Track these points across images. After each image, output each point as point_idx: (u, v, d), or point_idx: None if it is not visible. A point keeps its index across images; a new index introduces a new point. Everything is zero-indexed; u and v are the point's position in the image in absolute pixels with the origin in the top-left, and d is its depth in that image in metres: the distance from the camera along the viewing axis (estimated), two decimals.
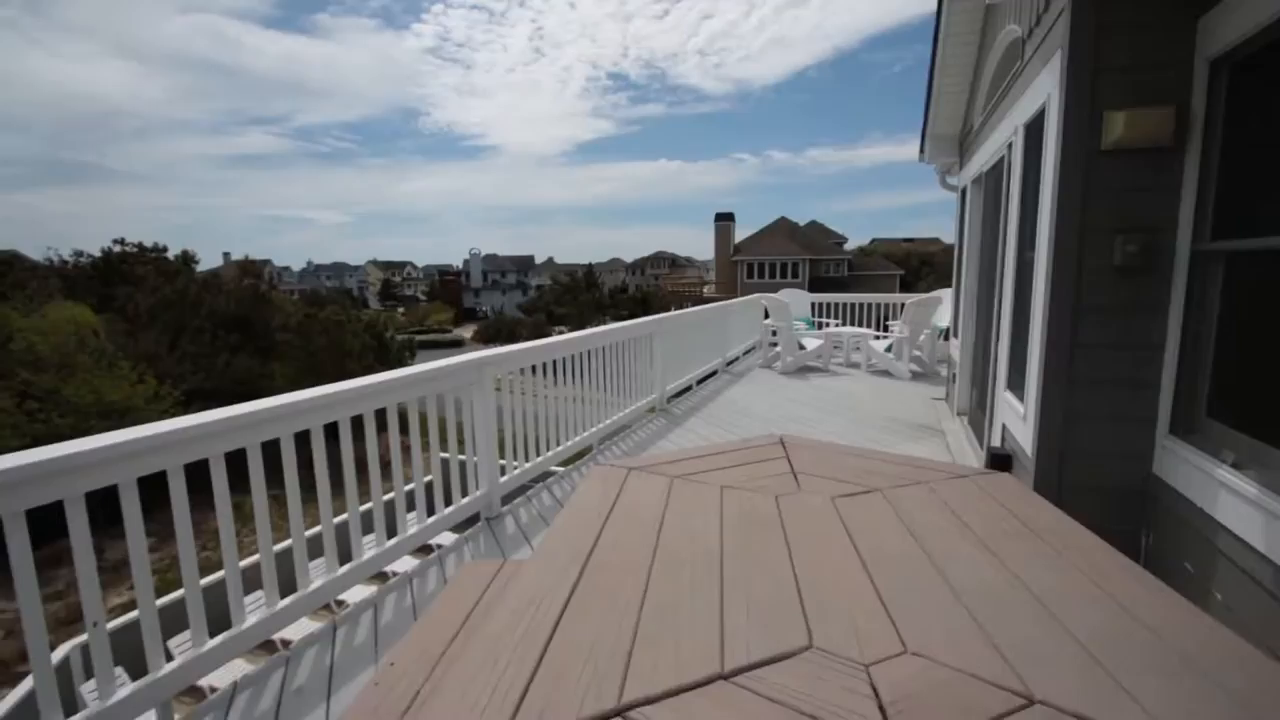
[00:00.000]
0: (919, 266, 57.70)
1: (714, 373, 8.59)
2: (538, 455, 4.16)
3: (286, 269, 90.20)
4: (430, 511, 3.21)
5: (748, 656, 1.02)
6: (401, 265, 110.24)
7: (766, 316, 9.94)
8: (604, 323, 57.13)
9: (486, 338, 46.67)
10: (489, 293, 79.08)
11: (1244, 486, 2.05)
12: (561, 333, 47.87)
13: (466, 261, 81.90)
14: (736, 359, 9.86)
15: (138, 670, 1.98)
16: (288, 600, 2.42)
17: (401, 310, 67.49)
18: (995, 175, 4.38)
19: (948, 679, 0.97)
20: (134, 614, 2.35)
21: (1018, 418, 3.31)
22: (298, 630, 2.54)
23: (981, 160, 4.91)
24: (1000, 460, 3.53)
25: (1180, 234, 2.54)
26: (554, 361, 4.35)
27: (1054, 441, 2.84)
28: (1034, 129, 3.36)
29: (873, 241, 73.92)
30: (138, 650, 1.97)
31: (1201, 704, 0.94)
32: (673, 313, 6.89)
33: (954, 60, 5.66)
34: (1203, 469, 2.33)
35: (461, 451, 3.46)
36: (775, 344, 9.58)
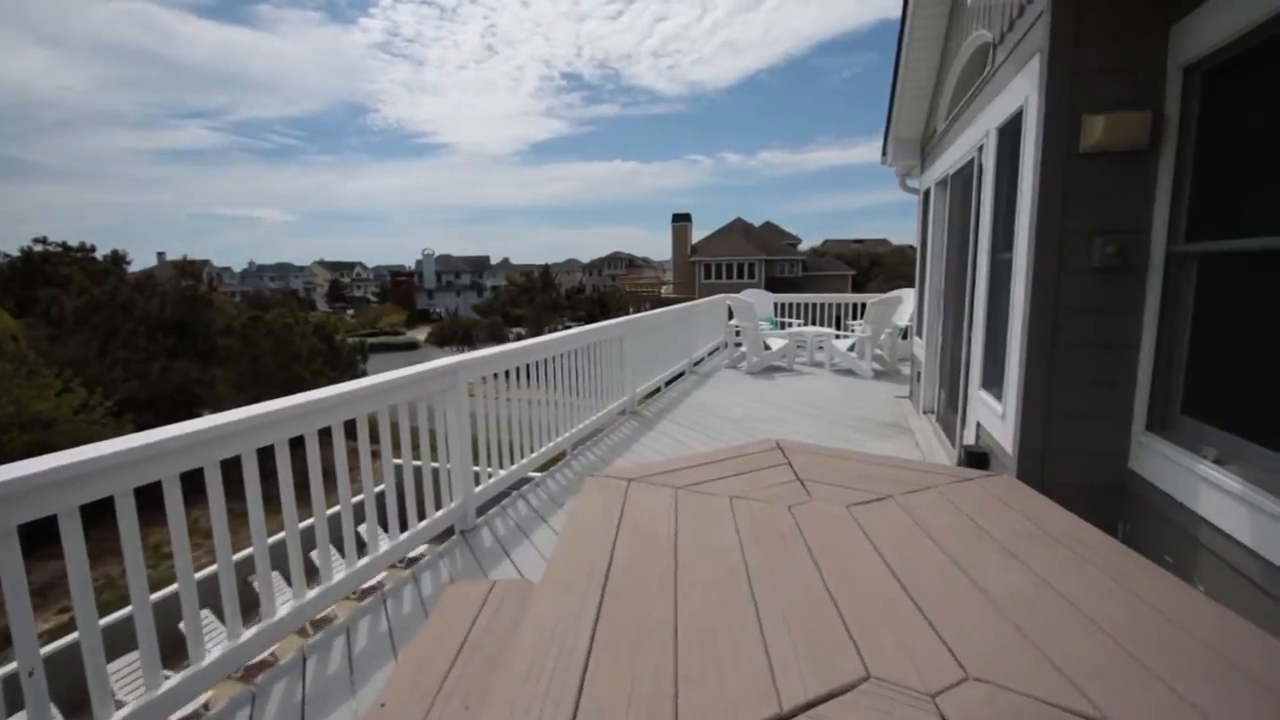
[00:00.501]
0: (869, 267, 59.40)
1: (681, 374, 8.56)
2: (512, 463, 4.00)
3: (227, 270, 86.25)
4: (404, 527, 3.03)
5: (804, 693, 0.93)
6: (350, 266, 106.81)
7: (731, 317, 9.98)
8: (562, 323, 56.89)
9: (442, 340, 45.59)
10: (443, 294, 77.39)
11: (1228, 482, 2.10)
12: (520, 334, 47.16)
13: (419, 262, 79.91)
14: (702, 360, 9.86)
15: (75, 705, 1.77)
16: (252, 631, 2.22)
17: (351, 312, 65.38)
18: (964, 177, 4.46)
19: (1016, 705, 0.92)
20: (70, 637, 2.08)
21: (995, 416, 3.35)
22: (264, 659, 2.34)
23: (948, 163, 5.00)
24: (976, 458, 3.58)
25: (1155, 236, 2.61)
26: (528, 365, 4.20)
27: (1035, 439, 2.88)
28: (1008, 132, 3.42)
29: (824, 242, 75.72)
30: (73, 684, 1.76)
31: (1267, 716, 0.91)
32: (642, 314, 6.81)
33: (918, 64, 5.77)
34: (1181, 464, 2.39)
35: (434, 459, 3.29)
36: (740, 344, 9.62)
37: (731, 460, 2.13)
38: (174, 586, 2.13)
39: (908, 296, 9.45)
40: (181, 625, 2.00)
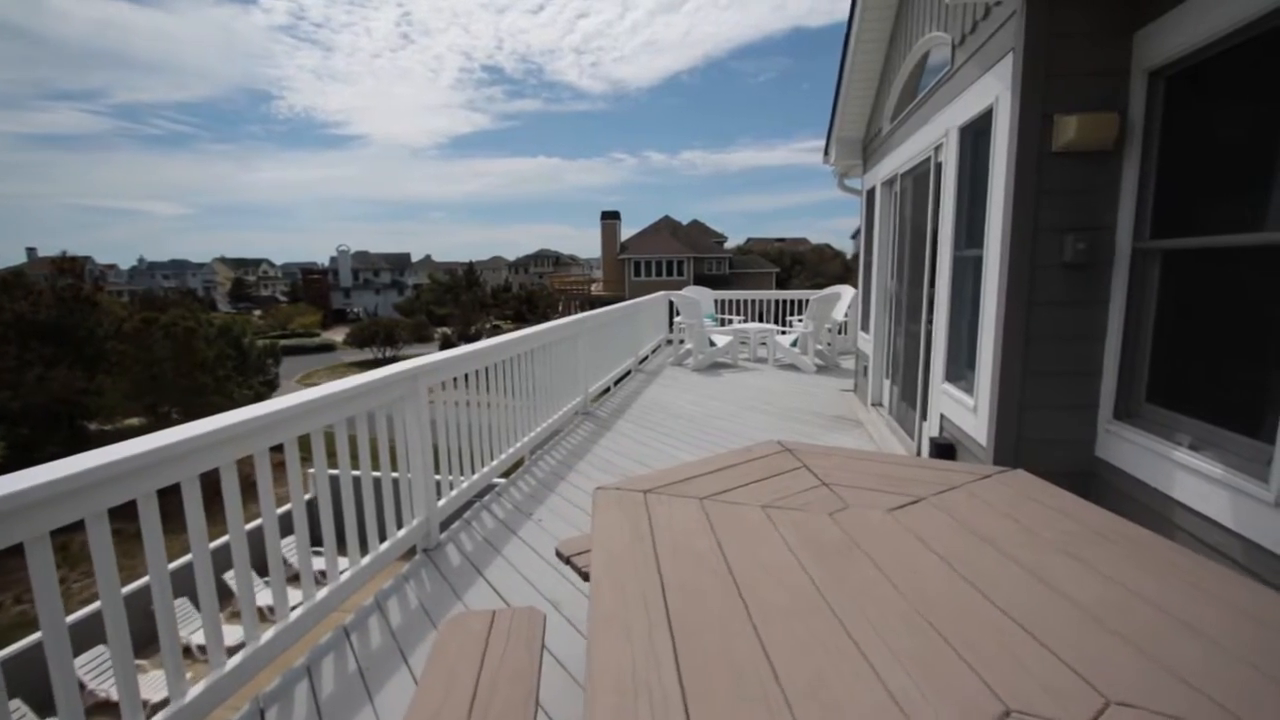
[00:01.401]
0: (791, 265, 61.54)
1: (628, 372, 8.44)
2: (473, 472, 3.74)
3: (112, 267, 78.37)
4: (364, 550, 2.74)
5: None
6: (256, 263, 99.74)
7: (675, 314, 9.95)
8: (490, 322, 55.16)
9: (361, 341, 43.29)
10: (361, 293, 73.61)
11: (1207, 467, 2.19)
12: (446, 334, 45.41)
13: (334, 259, 75.58)
14: (647, 358, 9.79)
15: None
16: (200, 688, 1.90)
17: (258, 313, 61.04)
18: (918, 176, 4.57)
19: None
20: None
21: (964, 409, 3.43)
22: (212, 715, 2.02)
23: (896, 162, 5.13)
24: (944, 449, 3.67)
25: (1120, 232, 2.72)
26: (487, 368, 3.94)
27: (1010, 430, 2.95)
28: (972, 131, 3.50)
29: (748, 240, 77.79)
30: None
31: None
32: (593, 312, 6.63)
33: (863, 66, 5.90)
34: (1152, 450, 2.50)
35: (394, 471, 2.99)
36: (684, 341, 9.60)
37: (743, 466, 2.02)
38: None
39: (845, 293, 9.76)
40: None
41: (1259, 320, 2.24)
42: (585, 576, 2.06)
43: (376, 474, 2.82)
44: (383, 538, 2.88)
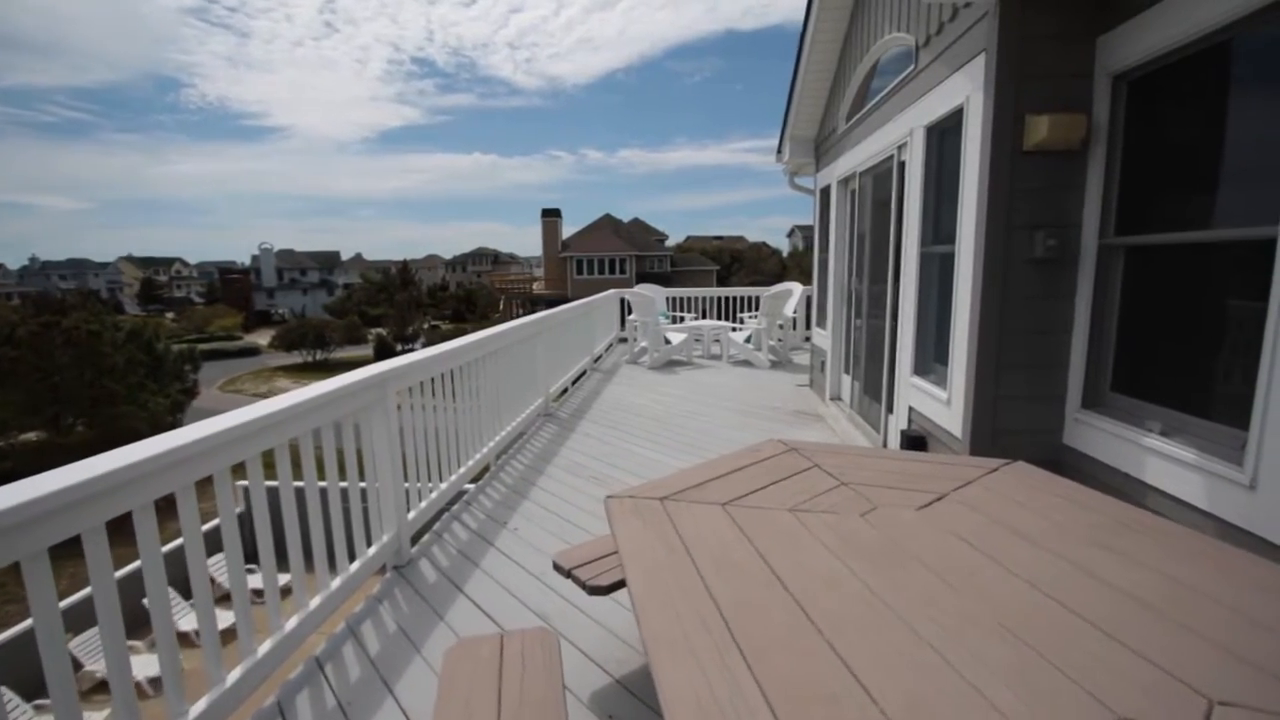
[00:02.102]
0: (731, 262, 62.62)
1: (584, 372, 8.30)
2: (441, 481, 3.54)
3: None
4: (333, 572, 2.52)
5: None
6: (168, 262, 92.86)
7: (629, 312, 9.88)
8: (426, 322, 53.44)
9: (289, 344, 41.00)
10: (287, 293, 69.78)
11: (1179, 452, 2.30)
12: (381, 335, 43.63)
13: (256, 258, 71.24)
14: (600, 356, 9.67)
15: None
16: None
17: (172, 315, 56.90)
18: (879, 174, 4.67)
19: None
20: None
21: (935, 402, 3.52)
22: None
23: (855, 161, 5.23)
24: (915, 442, 3.75)
25: (1086, 229, 2.83)
26: (453, 370, 3.74)
27: (986, 422, 3.03)
28: (939, 130, 3.59)
29: (687, 238, 78.57)
30: None
31: None
32: (551, 311, 6.46)
33: (817, 66, 5.99)
34: (1122, 436, 2.61)
35: (361, 481, 2.78)
36: (635, 339, 9.54)
37: (754, 467, 1.96)
38: None
39: (795, 289, 9.95)
40: None
41: (1216, 312, 2.37)
42: (592, 590, 1.95)
43: (343, 484, 2.60)
44: (351, 557, 2.67)
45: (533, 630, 1.68)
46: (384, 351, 41.69)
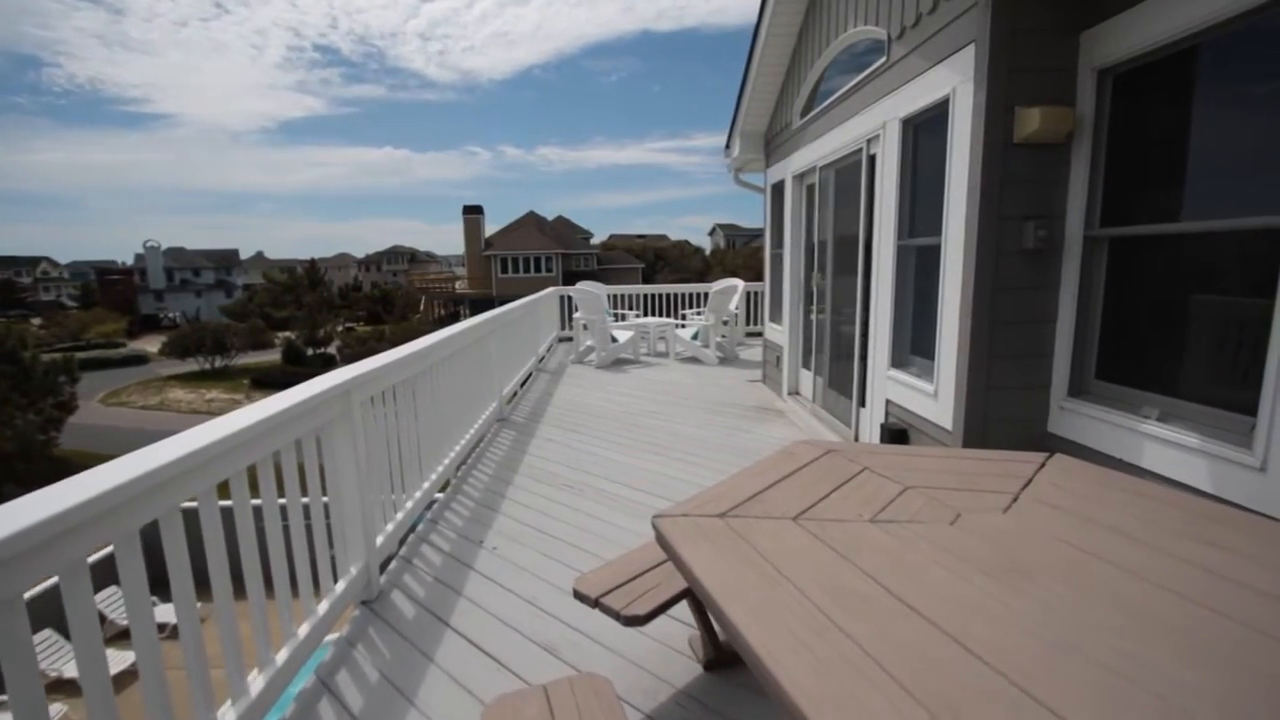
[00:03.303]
0: (655, 260, 63.10)
1: (531, 374, 7.96)
2: (407, 499, 3.18)
3: None
4: (299, 615, 2.15)
5: None
6: (33, 261, 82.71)
7: (574, 310, 9.59)
8: (340, 324, 50.54)
9: (182, 350, 37.41)
10: (178, 295, 63.83)
11: (1178, 436, 2.35)
12: (290, 339, 40.77)
13: (141, 257, 64.67)
14: (544, 356, 9.33)
15: None
16: None
17: (38, 321, 50.67)
18: (844, 168, 4.66)
19: None
20: None
21: (919, 394, 3.52)
22: None
23: (814, 155, 5.22)
24: (897, 435, 3.75)
25: (1072, 220, 2.88)
26: (419, 372, 3.37)
27: (978, 413, 3.04)
28: (915, 123, 3.59)
29: (610, 237, 78.51)
30: None
31: None
32: (501, 309, 6.10)
33: (771, 61, 5.97)
34: (1111, 422, 2.67)
35: (324, 496, 2.41)
36: (573, 338, 9.27)
37: (800, 473, 1.81)
38: None
39: (739, 285, 9.99)
40: None
41: (1201, 301, 2.45)
42: (628, 621, 1.74)
43: (305, 500, 2.23)
44: (318, 597, 2.30)
45: (580, 677, 1.45)
46: (294, 356, 38.95)
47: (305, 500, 2.22)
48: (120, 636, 8.01)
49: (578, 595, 1.88)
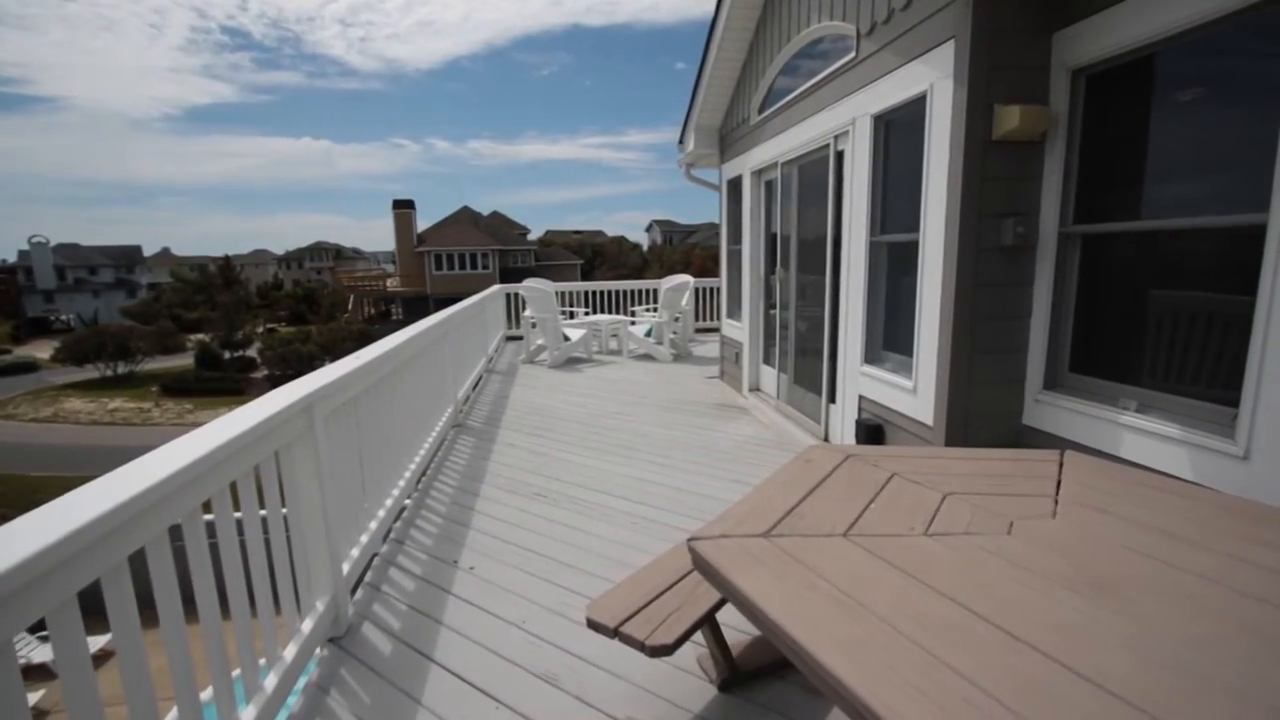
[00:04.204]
0: (593, 256, 62.77)
1: (481, 376, 7.65)
2: (370, 520, 2.91)
3: None
4: (262, 664, 1.89)
5: None
6: None
7: (523, 308, 9.29)
8: (260, 325, 47.76)
9: (79, 356, 34.12)
10: (72, 295, 58.23)
11: (1157, 426, 2.43)
12: (203, 342, 38.05)
13: (26, 253, 58.52)
14: (492, 357, 9.00)
15: None
16: None
17: None
18: (809, 164, 4.65)
19: None
20: None
21: (898, 390, 3.53)
22: None
23: (775, 151, 5.20)
24: (873, 431, 3.76)
25: (1046, 218, 2.94)
26: (380, 378, 3.09)
27: (960, 408, 3.07)
28: (887, 119, 3.59)
29: (547, 233, 77.51)
30: None
31: None
32: (453, 308, 5.78)
33: (728, 56, 5.91)
34: (1086, 413, 2.74)
35: (279, 522, 2.13)
36: (522, 337, 9.00)
37: (829, 482, 1.72)
38: None
39: (690, 282, 9.96)
40: None
41: (1174, 295, 2.54)
42: (655, 652, 1.60)
43: (265, 511, 1.96)
44: (285, 639, 2.04)
45: None
46: (209, 361, 36.28)
47: (265, 533, 1.95)
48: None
49: (594, 625, 1.72)
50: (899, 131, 3.56)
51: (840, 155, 4.13)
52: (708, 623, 1.92)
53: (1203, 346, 2.47)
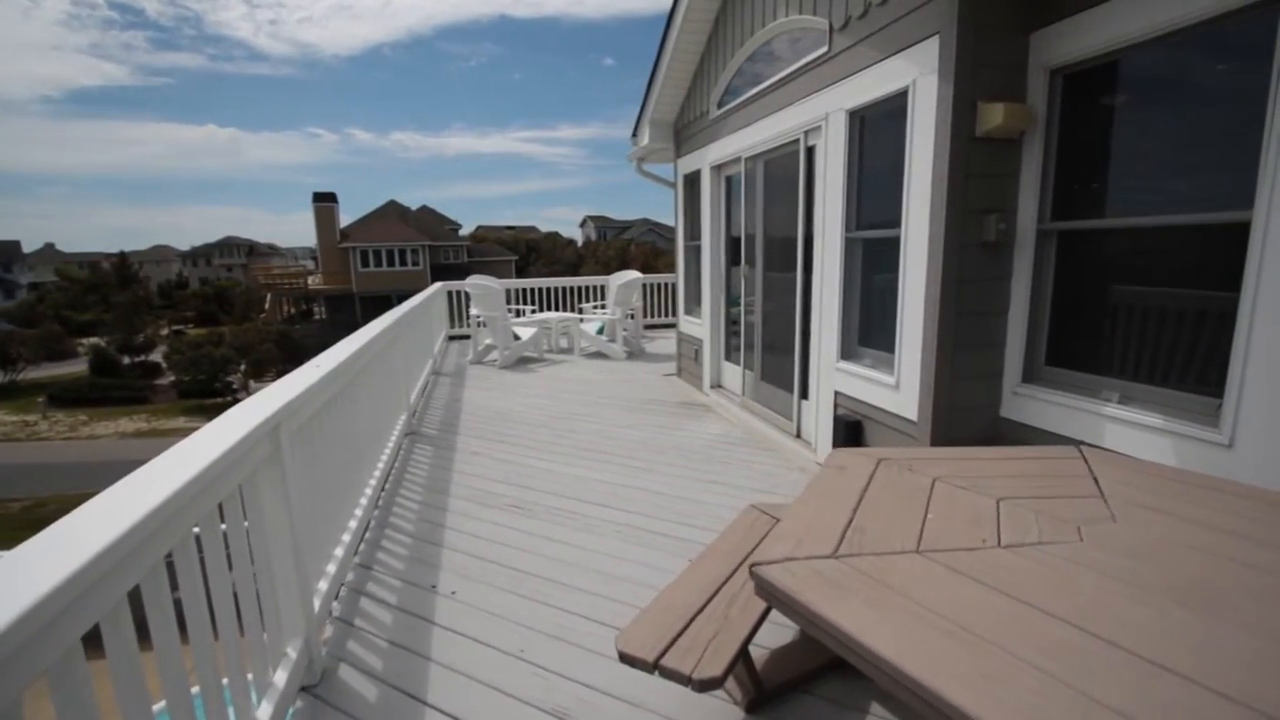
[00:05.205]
0: (528, 252, 61.69)
1: (429, 378, 7.26)
2: (336, 547, 2.63)
3: None
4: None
5: None
6: None
7: (471, 306, 8.89)
8: (165, 327, 44.20)
9: None
10: None
11: (1140, 416, 2.51)
12: (98, 346, 34.77)
13: None
14: (436, 358, 8.58)
15: None
16: None
17: None
18: (777, 159, 4.61)
19: None
20: None
21: (878, 386, 3.54)
22: None
23: (739, 145, 5.14)
24: (852, 427, 3.76)
25: (1025, 214, 2.99)
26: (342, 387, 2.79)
27: (944, 403, 3.09)
28: (864, 115, 3.58)
29: (478, 228, 75.57)
30: None
31: None
32: (401, 308, 5.41)
33: (685, 47, 5.81)
34: (1066, 404, 2.81)
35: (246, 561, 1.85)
36: (474, 336, 8.63)
37: (873, 491, 1.63)
38: None
39: (641, 278, 9.84)
40: None
41: (1143, 291, 2.64)
42: (703, 686, 1.47)
43: (228, 549, 1.68)
44: (259, 693, 1.76)
45: None
46: (105, 367, 33.15)
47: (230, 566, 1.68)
48: None
49: (628, 659, 1.57)
50: (876, 127, 3.56)
51: (811, 150, 4.11)
52: None
53: (1174, 340, 2.56)
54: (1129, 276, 2.75)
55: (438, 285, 9.89)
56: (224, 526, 1.68)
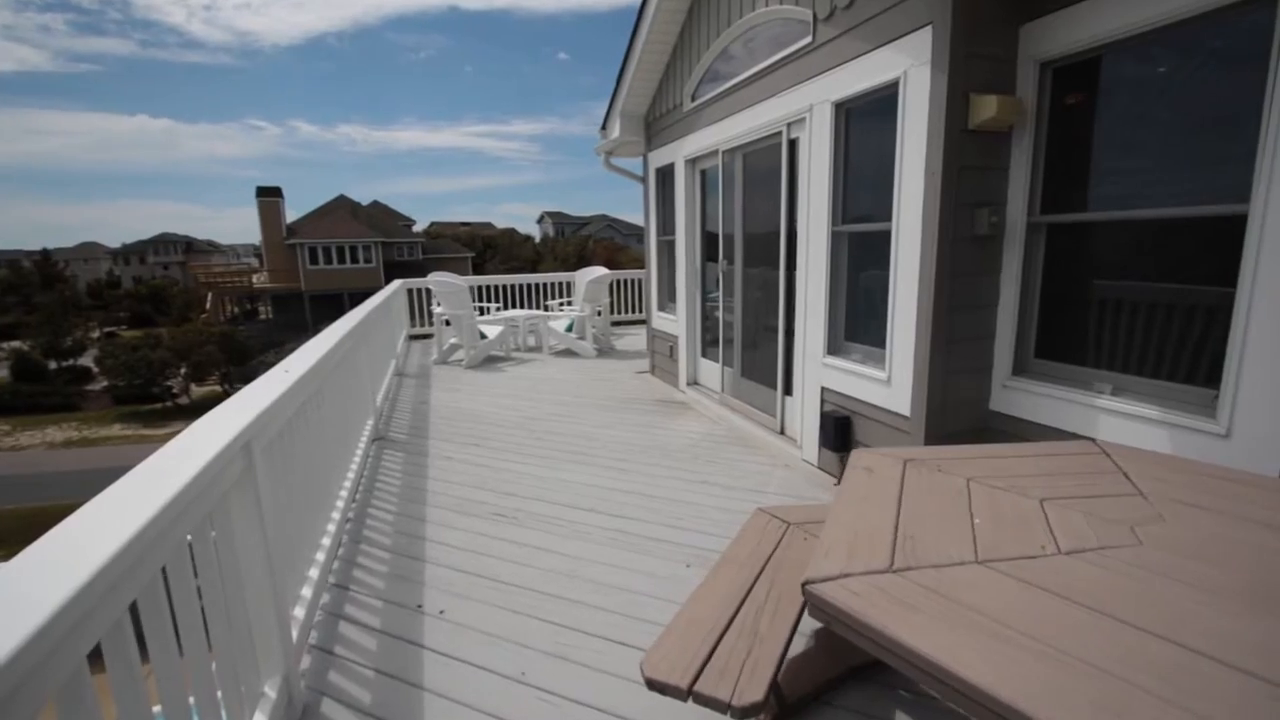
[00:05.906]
0: (484, 249, 60.59)
1: (392, 380, 6.95)
2: (311, 568, 2.42)
3: None
4: None
5: None
6: None
7: (436, 304, 8.57)
8: (95, 329, 41.74)
9: None
10: None
11: (1135, 408, 2.52)
12: (21, 350, 32.50)
13: None
14: (398, 359, 8.25)
15: None
16: None
17: None
18: (757, 152, 4.54)
19: None
20: None
21: (869, 381, 3.50)
22: None
23: (714, 139, 5.06)
24: (841, 422, 3.73)
25: (1016, 207, 2.99)
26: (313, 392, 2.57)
27: (938, 398, 3.08)
28: (851, 106, 3.53)
29: (432, 224, 73.76)
30: None
31: None
32: (364, 306, 5.13)
33: (658, 37, 5.68)
34: (1059, 397, 2.82)
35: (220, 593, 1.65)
36: (437, 335, 8.33)
37: (907, 496, 1.56)
38: None
39: (609, 274, 9.68)
40: None
41: (1132, 284, 2.67)
42: (743, 713, 1.36)
43: (198, 581, 1.48)
44: None
45: None
46: (30, 373, 30.94)
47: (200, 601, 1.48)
48: None
49: (658, 687, 1.45)
50: (863, 119, 3.52)
51: (794, 143, 4.05)
52: None
53: (1166, 332, 2.59)
54: (1117, 269, 2.77)
55: (398, 283, 9.51)
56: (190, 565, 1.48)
